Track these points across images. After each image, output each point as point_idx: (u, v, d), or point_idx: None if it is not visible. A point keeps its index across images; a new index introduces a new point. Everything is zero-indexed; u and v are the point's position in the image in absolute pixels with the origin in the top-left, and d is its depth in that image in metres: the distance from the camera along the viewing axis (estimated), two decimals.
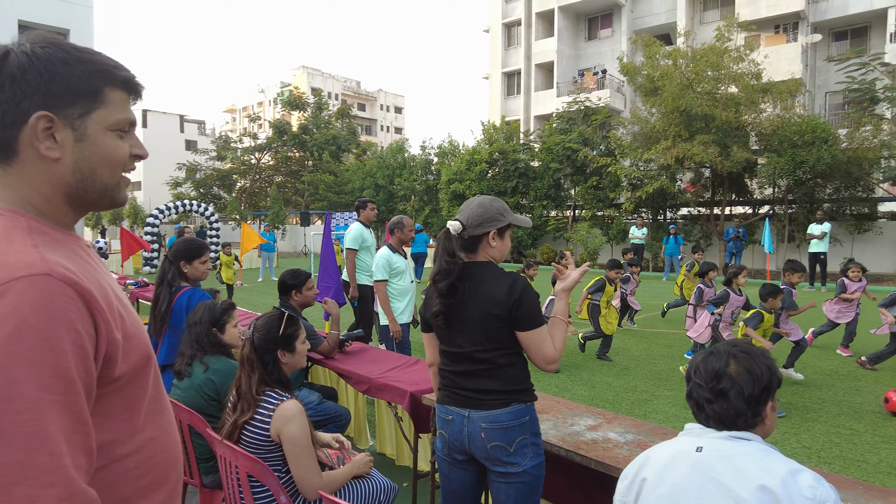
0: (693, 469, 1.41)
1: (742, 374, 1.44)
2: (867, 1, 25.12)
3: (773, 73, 21.18)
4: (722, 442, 1.43)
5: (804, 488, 1.28)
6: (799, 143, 15.75)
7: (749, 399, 1.43)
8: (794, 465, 1.36)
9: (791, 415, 5.11)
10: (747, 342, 1.56)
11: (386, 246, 5.09)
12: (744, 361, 1.46)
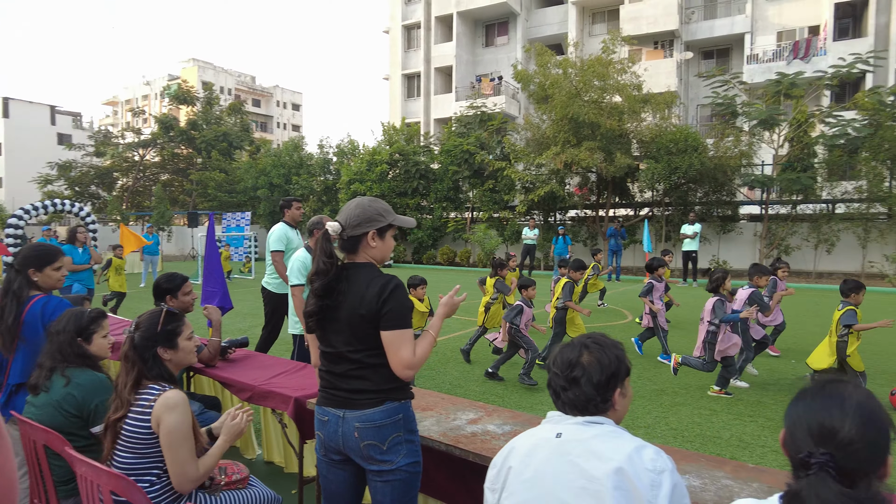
0: (552, 454, 1.50)
1: (592, 364, 1.55)
2: (729, 25, 27.91)
3: (653, 86, 22.90)
4: (578, 427, 1.52)
5: (646, 461, 1.41)
6: (674, 150, 17.17)
7: (598, 385, 1.53)
8: (638, 442, 1.47)
9: (662, 400, 5.56)
10: (602, 335, 1.67)
11: (304, 248, 4.76)
12: (595, 352, 1.57)
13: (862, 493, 1.08)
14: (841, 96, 23.25)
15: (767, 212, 17.70)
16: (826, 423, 1.16)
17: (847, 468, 1.11)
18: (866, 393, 1.21)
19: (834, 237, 16.87)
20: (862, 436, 1.13)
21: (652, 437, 4.64)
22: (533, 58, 20.32)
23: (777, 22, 27.31)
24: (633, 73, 18.33)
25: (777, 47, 26.46)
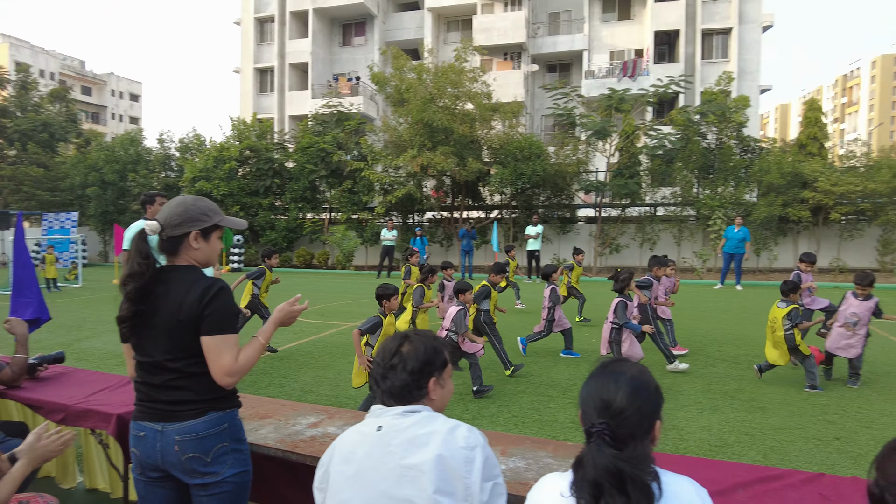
0: (373, 448, 1.54)
1: (410, 352, 1.63)
2: (570, 42, 30.40)
3: (502, 95, 24.23)
4: (397, 418, 1.58)
5: (460, 440, 1.50)
6: (520, 157, 18.32)
7: (412, 372, 1.61)
8: (452, 423, 1.56)
9: (506, 390, 5.91)
10: (426, 330, 1.77)
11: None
12: (415, 342, 1.66)
13: (629, 453, 1.26)
14: (660, 112, 26.41)
15: (601, 214, 19.57)
16: (604, 396, 1.35)
17: (621, 434, 1.30)
18: (640, 369, 1.43)
19: (655, 236, 19.11)
20: (631, 404, 1.33)
21: (495, 425, 4.93)
22: (389, 61, 20.52)
23: (610, 43, 30.29)
24: (484, 82, 19.26)
25: (610, 65, 29.35)
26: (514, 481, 2.11)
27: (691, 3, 28.40)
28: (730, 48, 28.35)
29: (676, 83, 19.18)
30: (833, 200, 17.47)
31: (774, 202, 17.58)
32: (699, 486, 1.33)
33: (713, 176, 18.62)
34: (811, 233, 18.73)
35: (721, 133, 18.76)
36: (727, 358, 7.23)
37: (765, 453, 4.27)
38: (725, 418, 5.02)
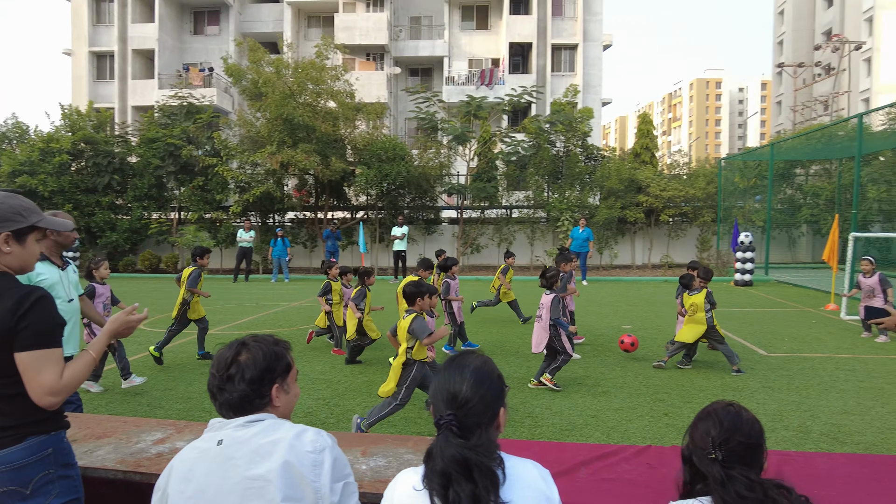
0: (214, 464, 1.46)
1: (248, 361, 1.55)
2: (431, 48, 31.09)
3: (365, 95, 24.12)
4: (238, 429, 1.50)
5: (307, 444, 1.47)
6: (384, 158, 18.37)
7: (251, 381, 1.53)
8: (298, 428, 1.52)
9: (372, 391, 5.91)
10: (267, 335, 1.69)
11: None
12: (253, 349, 1.57)
13: (475, 441, 1.33)
14: (514, 120, 27.96)
15: (462, 216, 20.26)
16: (451, 388, 1.41)
17: (468, 424, 1.36)
18: (483, 360, 1.50)
19: (511, 237, 20.19)
20: (475, 394, 1.40)
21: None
22: (245, 53, 19.50)
23: (468, 51, 31.45)
24: (347, 81, 19.03)
25: (469, 73, 30.47)
26: (376, 480, 2.13)
27: (542, 18, 30.41)
28: (576, 63, 30.79)
29: (529, 93, 20.45)
30: (662, 204, 19.74)
31: (614, 205, 19.45)
32: (542, 468, 1.43)
33: (561, 181, 20.12)
34: (645, 233, 20.96)
35: (568, 141, 20.33)
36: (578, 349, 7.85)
37: (608, 433, 4.71)
38: (574, 403, 5.46)
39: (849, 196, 16.99)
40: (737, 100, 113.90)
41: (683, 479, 1.59)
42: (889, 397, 5.63)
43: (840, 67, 38.22)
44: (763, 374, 6.48)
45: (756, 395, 5.72)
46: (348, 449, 2.38)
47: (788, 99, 46.63)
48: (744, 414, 1.56)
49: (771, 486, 1.43)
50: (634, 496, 1.86)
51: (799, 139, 19.74)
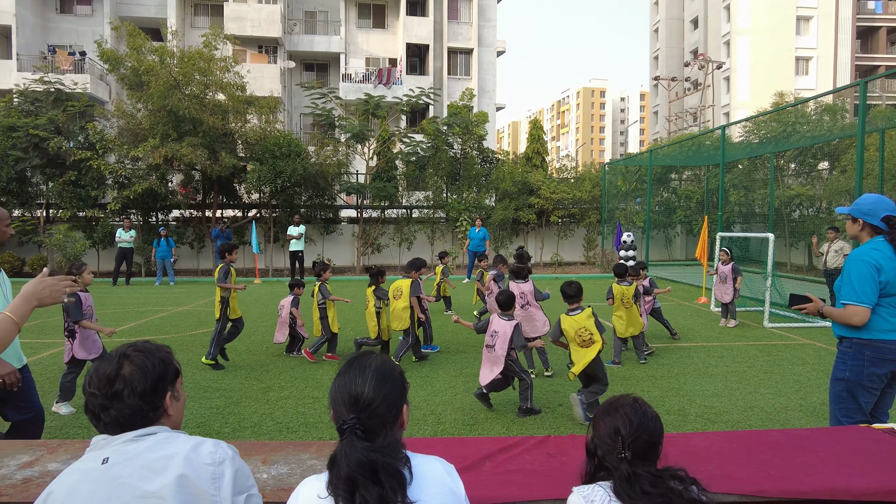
0: (99, 485, 1.35)
1: (135, 373, 1.45)
2: (326, 43, 30.45)
3: (257, 89, 23.15)
4: (127, 444, 1.41)
5: (205, 457, 1.40)
6: (279, 154, 17.71)
7: (144, 394, 1.44)
8: (195, 440, 1.44)
9: (268, 397, 5.68)
10: (145, 341, 1.59)
11: None
12: (137, 360, 1.48)
13: (380, 442, 1.31)
14: (413, 121, 28.10)
15: (362, 215, 20.04)
16: (353, 391, 1.37)
17: (372, 425, 1.33)
18: (383, 359, 1.48)
19: (412, 237, 20.28)
20: (378, 394, 1.37)
21: (258, 434, 4.71)
22: (124, 38, 18.00)
23: (366, 49, 31.15)
24: (237, 73, 18.15)
25: (366, 71, 30.19)
26: (279, 488, 2.05)
27: (439, 21, 30.81)
28: (472, 67, 31.50)
29: (427, 94, 20.64)
30: (552, 205, 20.73)
31: (509, 206, 20.15)
32: (447, 464, 1.44)
33: (459, 182, 20.51)
34: (537, 233, 21.89)
35: (465, 144, 20.77)
36: (474, 344, 8.03)
37: (508, 426, 4.86)
38: (475, 399, 5.58)
39: (715, 199, 18.82)
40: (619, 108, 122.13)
41: (587, 471, 1.66)
42: (750, 380, 6.29)
43: (705, 84, 42.19)
44: (646, 364, 6.99)
45: (641, 383, 6.16)
46: (247, 458, 2.27)
47: (664, 109, 50.79)
48: (648, 411, 1.64)
49: (668, 477, 1.53)
50: (537, 485, 1.94)
51: (673, 147, 21.53)
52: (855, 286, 3.11)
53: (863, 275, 3.09)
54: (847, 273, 3.19)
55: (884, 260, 3.08)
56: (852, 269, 3.16)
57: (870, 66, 44.13)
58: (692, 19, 49.93)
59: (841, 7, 43.22)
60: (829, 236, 10.83)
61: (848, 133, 16.94)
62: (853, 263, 3.17)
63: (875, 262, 3.08)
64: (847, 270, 3.19)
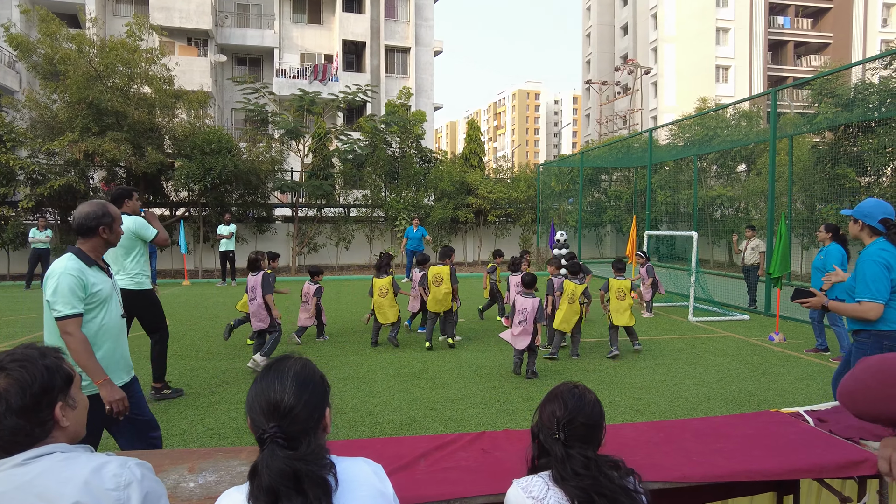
0: None
1: (12, 386, 1.29)
2: (260, 37, 29.58)
3: (186, 83, 22.22)
4: (15, 471, 1.26)
5: (107, 480, 1.27)
6: (208, 150, 17.04)
7: (24, 411, 1.29)
8: (98, 461, 1.31)
9: (199, 403, 5.46)
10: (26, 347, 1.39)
11: (72, 254, 2.94)
12: (14, 371, 1.31)
13: (303, 450, 1.25)
14: (350, 118, 27.77)
15: (297, 214, 19.59)
16: (271, 398, 1.30)
17: (293, 433, 1.28)
18: (303, 363, 1.41)
19: (350, 236, 20.01)
20: (299, 400, 1.31)
21: (188, 441, 4.53)
22: (35, 23, 16.82)
23: (300, 44, 30.49)
24: (164, 65, 17.33)
25: (301, 67, 29.56)
26: (206, 497, 1.98)
27: (375, 18, 30.57)
28: (409, 66, 31.45)
29: (364, 92, 20.43)
30: (490, 205, 21.03)
31: (447, 206, 20.26)
32: (374, 464, 1.42)
33: (398, 181, 20.44)
34: (475, 232, 22.12)
35: (403, 143, 20.71)
36: (413, 342, 8.03)
37: (445, 423, 4.89)
38: (414, 397, 5.58)
39: (643, 200, 19.61)
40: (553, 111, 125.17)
41: (532, 455, 1.70)
42: (675, 371, 6.60)
43: (634, 88, 43.95)
44: (580, 358, 7.21)
45: (574, 376, 6.35)
46: (173, 467, 2.18)
47: (595, 112, 52.53)
48: (587, 396, 1.69)
49: (604, 463, 1.58)
50: (471, 481, 1.96)
51: (603, 149, 22.32)
52: (869, 284, 3.39)
53: (876, 274, 3.37)
54: (861, 272, 3.45)
55: (892, 259, 3.39)
56: (866, 269, 3.42)
57: (780, 77, 47.26)
58: (622, 26, 51.85)
59: (754, 21, 46.07)
60: (747, 235, 11.54)
61: (762, 138, 18.09)
62: (866, 264, 3.43)
63: (885, 262, 3.37)
64: (861, 270, 3.46)
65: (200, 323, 9.60)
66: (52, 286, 2.80)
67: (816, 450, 2.25)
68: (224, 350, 7.65)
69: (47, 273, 2.87)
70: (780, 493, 2.47)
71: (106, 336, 3.00)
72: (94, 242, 3.00)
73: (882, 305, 3.39)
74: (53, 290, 2.80)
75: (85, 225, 2.97)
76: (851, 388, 1.14)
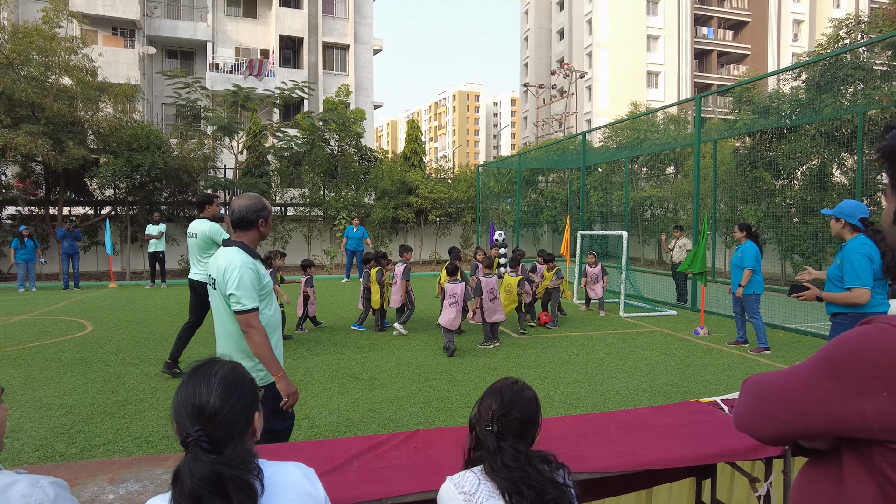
0: None
1: None
2: (192, 30, 28.46)
3: (112, 75, 21.09)
4: None
5: (15, 502, 1.21)
6: (136, 146, 16.26)
7: None
8: (6, 479, 1.24)
9: (125, 411, 5.21)
10: None
11: (239, 247, 2.96)
12: None
13: (228, 454, 1.23)
14: (287, 115, 27.14)
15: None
16: (197, 402, 1.28)
17: (219, 437, 1.25)
18: (232, 366, 1.39)
19: (287, 235, 19.57)
20: (225, 403, 1.29)
21: (112, 452, 4.33)
22: None
23: (235, 38, 29.54)
24: (87, 56, 16.39)
25: (236, 61, 28.64)
26: None
27: (313, 14, 30.02)
28: (348, 63, 31.08)
29: (301, 88, 20.05)
30: (430, 205, 21.08)
31: (388, 205, 20.17)
32: (305, 467, 1.41)
33: (337, 180, 20.17)
34: (416, 231, 22.13)
35: (342, 141, 20.46)
36: (351, 343, 7.96)
37: (384, 423, 4.88)
38: (352, 399, 5.54)
39: (577, 200, 20.20)
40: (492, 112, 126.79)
41: (468, 446, 1.72)
42: (607, 366, 6.85)
43: (570, 92, 45.17)
44: (516, 354, 7.36)
45: (511, 372, 6.46)
46: (91, 479, 2.08)
47: (533, 115, 53.61)
48: (525, 392, 1.71)
49: (535, 457, 1.61)
50: (403, 480, 1.97)
51: (540, 151, 22.82)
52: (859, 273, 3.93)
53: (863, 264, 3.92)
54: (850, 263, 3.98)
55: (873, 252, 3.92)
56: (854, 260, 3.96)
57: (705, 84, 49.80)
58: (559, 30, 53.17)
59: (682, 30, 48.32)
60: (675, 234, 12.10)
61: (688, 142, 19.02)
62: (854, 256, 3.96)
63: (869, 254, 3.92)
64: (850, 261, 3.98)
65: (128, 327, 9.16)
66: (234, 280, 2.84)
67: (729, 436, 2.40)
68: (153, 355, 7.33)
69: (225, 266, 2.89)
70: (698, 477, 2.62)
71: (274, 328, 3.07)
72: (252, 235, 3.04)
73: (869, 290, 3.92)
74: (237, 283, 2.84)
75: (245, 218, 3.00)
76: (741, 414, 1.11)
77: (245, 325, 2.86)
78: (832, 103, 13.25)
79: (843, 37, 14.94)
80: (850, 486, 0.94)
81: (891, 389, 0.85)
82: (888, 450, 0.88)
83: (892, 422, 0.86)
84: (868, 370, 0.88)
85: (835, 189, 13.43)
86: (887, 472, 0.89)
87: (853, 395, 0.89)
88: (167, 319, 9.84)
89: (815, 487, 1.03)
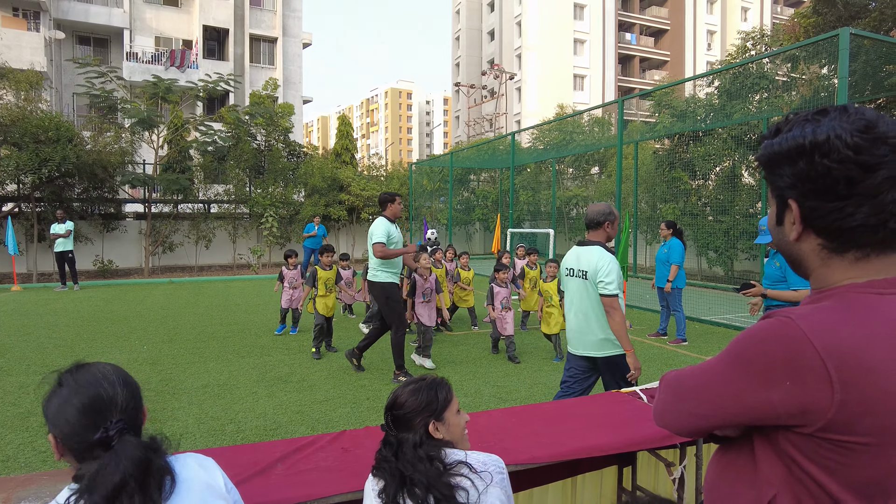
0: None
1: None
2: (106, 16, 26.77)
3: (13, 60, 19.57)
4: None
5: None
6: (43, 139, 15.11)
7: None
8: None
9: (29, 424, 4.85)
10: None
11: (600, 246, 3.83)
12: None
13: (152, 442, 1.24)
14: (211, 108, 26.06)
15: (151, 210, 17.99)
16: (103, 397, 1.25)
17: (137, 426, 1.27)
18: (112, 365, 1.37)
19: (211, 234, 18.76)
20: (131, 396, 1.30)
21: (13, 468, 4.02)
22: None
23: (155, 27, 28.06)
24: None
25: (156, 51, 27.20)
26: None
27: (240, 5, 28.98)
28: (276, 56, 30.22)
29: (226, 81, 19.28)
30: (363, 202, 20.84)
31: (318, 202, 19.76)
32: (202, 458, 1.39)
33: (264, 176, 19.55)
34: (348, 229, 21.82)
35: (269, 136, 19.85)
36: (280, 346, 7.75)
37: (313, 426, 4.78)
38: (279, 402, 5.39)
39: (507, 199, 20.58)
40: (425, 111, 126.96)
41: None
42: (535, 359, 7.01)
43: (500, 92, 45.94)
44: (447, 351, 7.41)
45: (442, 369, 6.51)
46: None
47: (464, 114, 54.11)
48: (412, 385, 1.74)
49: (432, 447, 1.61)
50: (329, 481, 1.93)
51: (471, 150, 23.07)
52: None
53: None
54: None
55: None
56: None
57: (629, 88, 51.96)
58: (489, 31, 53.89)
59: (607, 35, 50.20)
60: None
61: (611, 143, 19.80)
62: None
63: None
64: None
65: (34, 333, 8.51)
66: (606, 269, 3.61)
67: (647, 424, 2.51)
68: (62, 362, 6.84)
69: (597, 257, 3.65)
70: (620, 465, 2.73)
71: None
72: (599, 234, 3.78)
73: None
74: (608, 272, 3.61)
75: (595, 220, 3.76)
76: (660, 411, 1.16)
77: (609, 307, 3.62)
78: (741, 109, 14.16)
79: (750, 48, 16.00)
80: (762, 467, 1.01)
81: (793, 378, 0.91)
82: (793, 433, 0.94)
83: (796, 409, 0.92)
84: (772, 362, 0.94)
85: (744, 189, 14.37)
86: (792, 452, 0.95)
87: (762, 386, 0.95)
88: (79, 324, 9.22)
89: (728, 472, 1.10)
